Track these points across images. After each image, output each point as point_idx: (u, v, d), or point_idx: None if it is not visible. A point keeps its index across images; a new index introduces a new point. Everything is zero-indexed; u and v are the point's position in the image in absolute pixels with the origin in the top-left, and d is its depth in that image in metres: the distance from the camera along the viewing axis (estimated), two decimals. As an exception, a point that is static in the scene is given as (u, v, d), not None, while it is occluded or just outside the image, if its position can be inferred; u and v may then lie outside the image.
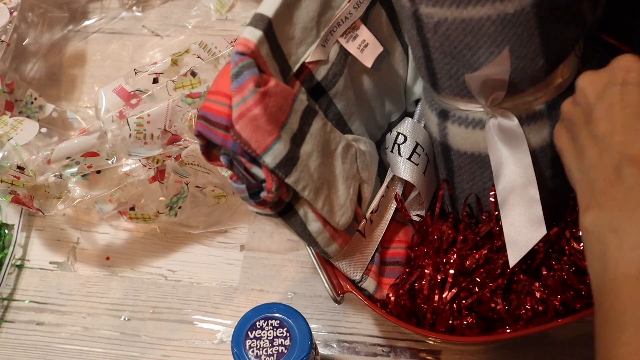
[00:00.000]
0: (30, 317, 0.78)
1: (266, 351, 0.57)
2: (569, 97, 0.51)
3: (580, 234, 0.44)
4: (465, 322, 0.60)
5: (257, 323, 0.59)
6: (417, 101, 0.70)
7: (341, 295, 0.61)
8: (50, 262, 0.81)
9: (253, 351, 0.57)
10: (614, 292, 0.40)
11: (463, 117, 0.60)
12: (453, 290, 0.61)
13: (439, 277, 0.62)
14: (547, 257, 0.62)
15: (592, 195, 0.44)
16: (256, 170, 0.51)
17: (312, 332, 0.60)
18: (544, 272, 0.61)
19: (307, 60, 0.56)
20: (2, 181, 0.70)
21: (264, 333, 0.58)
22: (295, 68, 0.55)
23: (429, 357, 0.72)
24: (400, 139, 0.64)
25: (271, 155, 0.50)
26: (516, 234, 0.58)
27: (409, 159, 0.63)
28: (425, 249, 0.65)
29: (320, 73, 0.57)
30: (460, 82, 0.57)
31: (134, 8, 0.94)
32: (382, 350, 0.72)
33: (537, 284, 0.60)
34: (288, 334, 0.58)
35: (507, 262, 0.59)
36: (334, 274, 0.62)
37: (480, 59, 0.55)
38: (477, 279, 0.61)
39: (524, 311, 0.60)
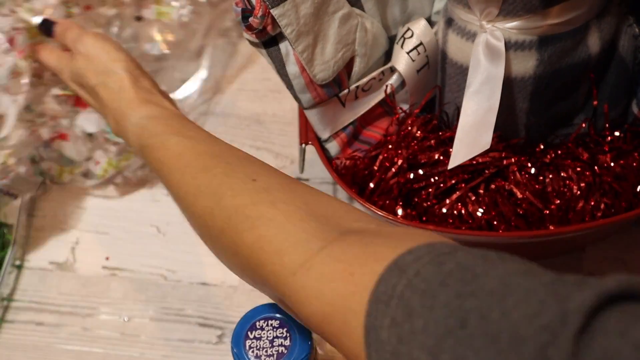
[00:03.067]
0: (30, 317, 0.78)
1: (266, 351, 0.57)
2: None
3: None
4: (392, 202, 0.66)
5: (257, 323, 0.59)
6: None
7: (304, 145, 0.70)
8: (50, 262, 0.81)
9: (253, 351, 0.57)
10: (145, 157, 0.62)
11: (462, 27, 0.63)
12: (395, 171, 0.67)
13: (394, 161, 0.67)
14: (490, 178, 0.66)
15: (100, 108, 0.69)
16: None
17: (312, 333, 0.60)
18: (481, 191, 0.66)
19: None
20: None
21: (264, 333, 0.58)
22: None
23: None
24: (408, 34, 0.67)
25: None
26: (464, 136, 0.61)
27: (407, 52, 0.66)
28: (393, 137, 0.69)
29: None
30: None
31: None
32: (382, 351, 0.72)
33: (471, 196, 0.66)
34: (288, 334, 0.58)
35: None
36: (305, 128, 0.70)
37: None
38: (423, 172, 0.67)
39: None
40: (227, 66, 0.90)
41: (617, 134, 0.66)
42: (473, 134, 0.60)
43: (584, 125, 0.67)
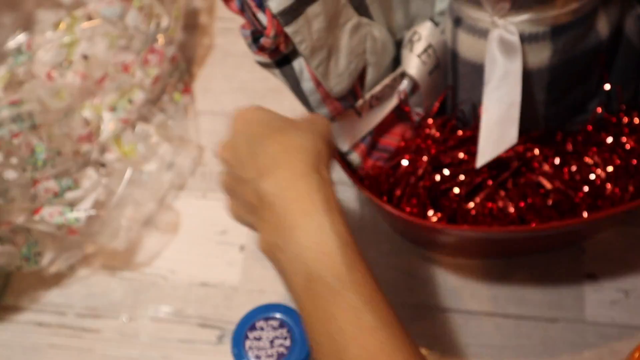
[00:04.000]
0: (30, 317, 0.78)
1: (266, 352, 0.57)
2: None
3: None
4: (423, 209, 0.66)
5: (257, 324, 0.59)
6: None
7: None
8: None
9: (253, 352, 0.57)
10: (301, 309, 0.49)
11: (472, 25, 0.63)
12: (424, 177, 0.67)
13: (417, 165, 0.67)
14: (516, 172, 0.66)
15: (258, 223, 0.54)
16: (261, 16, 0.56)
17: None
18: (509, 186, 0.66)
19: None
20: None
21: (264, 334, 0.58)
22: None
23: (429, 358, 0.72)
24: (416, 37, 0.67)
25: (276, 1, 0.54)
26: (489, 134, 0.60)
27: (418, 56, 0.66)
28: (415, 141, 0.69)
29: None
30: None
31: None
32: (383, 351, 0.72)
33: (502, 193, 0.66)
34: (288, 335, 0.58)
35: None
36: None
37: None
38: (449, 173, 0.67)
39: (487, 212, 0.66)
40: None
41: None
42: (498, 130, 0.60)
43: (599, 109, 0.67)
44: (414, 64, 0.66)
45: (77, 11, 0.86)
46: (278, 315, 0.59)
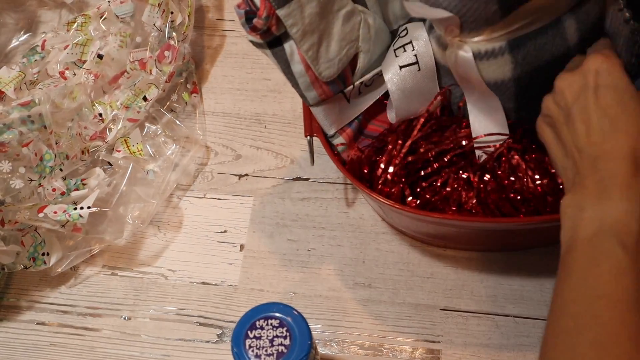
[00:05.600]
0: (30, 317, 0.78)
1: (266, 351, 0.57)
2: (549, 95, 0.57)
3: (560, 211, 0.53)
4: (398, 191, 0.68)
5: (257, 323, 0.59)
6: None
7: (309, 137, 0.69)
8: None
9: (253, 351, 0.57)
10: (572, 249, 0.50)
11: (437, 36, 0.64)
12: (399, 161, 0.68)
13: (395, 153, 0.68)
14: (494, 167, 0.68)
15: (572, 183, 0.53)
16: None
17: (312, 332, 0.60)
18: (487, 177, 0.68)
19: None
20: None
21: (263, 333, 0.58)
22: None
23: (428, 356, 0.72)
24: (403, 33, 0.67)
25: None
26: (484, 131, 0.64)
27: (394, 50, 0.67)
28: (395, 129, 0.70)
29: None
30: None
31: None
32: (382, 350, 0.72)
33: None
34: (288, 334, 0.58)
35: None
36: (310, 120, 0.69)
37: None
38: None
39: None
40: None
41: None
42: (489, 126, 0.63)
43: None
44: (389, 58, 0.67)
45: (90, 10, 0.87)
46: (278, 315, 0.59)
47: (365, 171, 0.70)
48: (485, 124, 0.65)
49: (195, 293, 0.78)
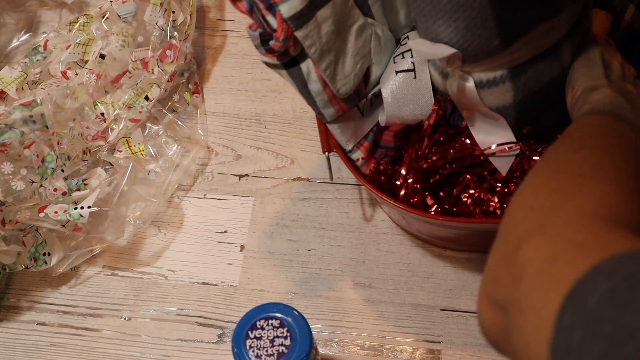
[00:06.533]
0: (30, 317, 0.78)
1: (266, 351, 0.57)
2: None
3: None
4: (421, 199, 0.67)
5: (258, 323, 0.59)
6: None
7: (327, 153, 0.68)
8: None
9: (253, 351, 0.57)
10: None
11: (437, 66, 0.63)
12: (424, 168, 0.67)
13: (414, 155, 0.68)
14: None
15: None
16: (270, 19, 0.56)
17: (312, 332, 0.60)
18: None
19: None
20: None
21: (264, 333, 0.58)
22: None
23: (428, 356, 0.72)
24: (404, 41, 0.67)
25: (287, 5, 0.54)
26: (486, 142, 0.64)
27: (393, 57, 0.67)
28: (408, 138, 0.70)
29: None
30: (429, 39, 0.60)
31: None
32: (383, 350, 0.72)
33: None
34: (288, 334, 0.58)
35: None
36: (326, 137, 0.69)
37: (439, 29, 0.57)
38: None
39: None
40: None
41: None
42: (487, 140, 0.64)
43: None
44: (389, 66, 0.66)
45: (91, 10, 0.87)
46: (278, 315, 0.59)
47: (382, 178, 0.69)
48: (491, 138, 0.64)
49: (196, 293, 0.78)
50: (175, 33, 0.85)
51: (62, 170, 0.76)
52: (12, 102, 0.78)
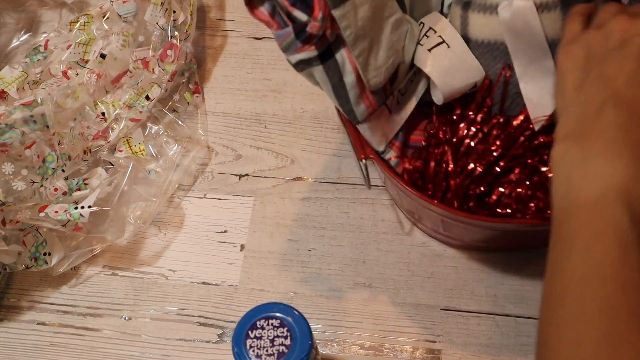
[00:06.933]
0: (30, 317, 0.78)
1: (267, 351, 0.57)
2: (594, 26, 0.53)
3: (551, 158, 0.47)
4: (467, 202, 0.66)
5: (258, 323, 0.59)
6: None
7: (364, 161, 0.65)
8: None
9: (254, 351, 0.57)
10: (572, 215, 0.44)
11: (483, 3, 0.63)
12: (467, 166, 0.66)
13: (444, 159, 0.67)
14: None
15: (575, 126, 0.47)
16: (297, 14, 0.55)
17: (313, 332, 0.60)
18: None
19: None
20: None
21: (264, 333, 0.58)
22: None
23: (428, 356, 0.72)
24: (420, 27, 0.66)
25: None
26: (537, 99, 0.61)
27: (420, 43, 0.66)
28: (442, 133, 0.69)
29: None
30: None
31: None
32: (383, 350, 0.72)
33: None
34: (288, 334, 0.58)
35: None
36: (360, 143, 0.66)
37: None
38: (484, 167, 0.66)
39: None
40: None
41: None
42: (540, 100, 0.61)
43: None
44: (418, 53, 0.66)
45: (92, 10, 0.87)
46: (279, 315, 0.59)
47: (420, 183, 0.69)
48: (538, 92, 0.62)
49: (196, 293, 0.78)
50: (176, 33, 0.85)
51: (63, 170, 0.76)
52: (12, 102, 0.78)
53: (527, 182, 0.66)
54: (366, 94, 0.63)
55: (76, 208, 0.72)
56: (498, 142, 0.66)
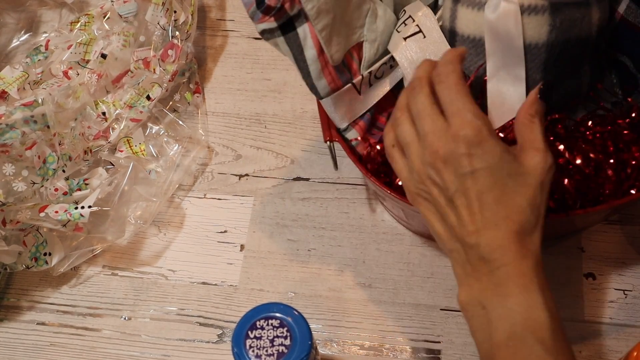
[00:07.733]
0: (30, 317, 0.78)
1: (266, 351, 0.57)
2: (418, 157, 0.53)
3: (459, 304, 0.52)
4: None
5: (258, 323, 0.59)
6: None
7: (330, 142, 0.68)
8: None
9: (253, 351, 0.57)
10: (492, 356, 0.49)
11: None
12: None
13: None
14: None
15: (464, 272, 0.52)
16: None
17: (312, 332, 0.60)
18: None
19: None
20: None
21: (264, 333, 0.58)
22: None
23: (428, 356, 0.72)
24: (401, 14, 0.67)
25: None
26: (500, 103, 0.62)
27: (397, 30, 0.67)
28: None
29: None
30: None
31: None
32: (383, 350, 0.73)
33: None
34: (288, 334, 0.58)
35: None
36: (328, 125, 0.69)
37: None
38: None
39: None
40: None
41: None
42: (503, 103, 0.62)
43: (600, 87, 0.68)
44: (393, 39, 0.67)
45: (93, 10, 0.87)
46: (278, 315, 0.59)
47: (376, 167, 0.69)
48: (502, 97, 0.63)
49: (196, 293, 0.78)
50: (177, 33, 0.85)
51: (64, 171, 0.76)
52: (13, 102, 0.78)
53: None
54: (329, 69, 0.64)
55: (76, 208, 0.72)
56: None
